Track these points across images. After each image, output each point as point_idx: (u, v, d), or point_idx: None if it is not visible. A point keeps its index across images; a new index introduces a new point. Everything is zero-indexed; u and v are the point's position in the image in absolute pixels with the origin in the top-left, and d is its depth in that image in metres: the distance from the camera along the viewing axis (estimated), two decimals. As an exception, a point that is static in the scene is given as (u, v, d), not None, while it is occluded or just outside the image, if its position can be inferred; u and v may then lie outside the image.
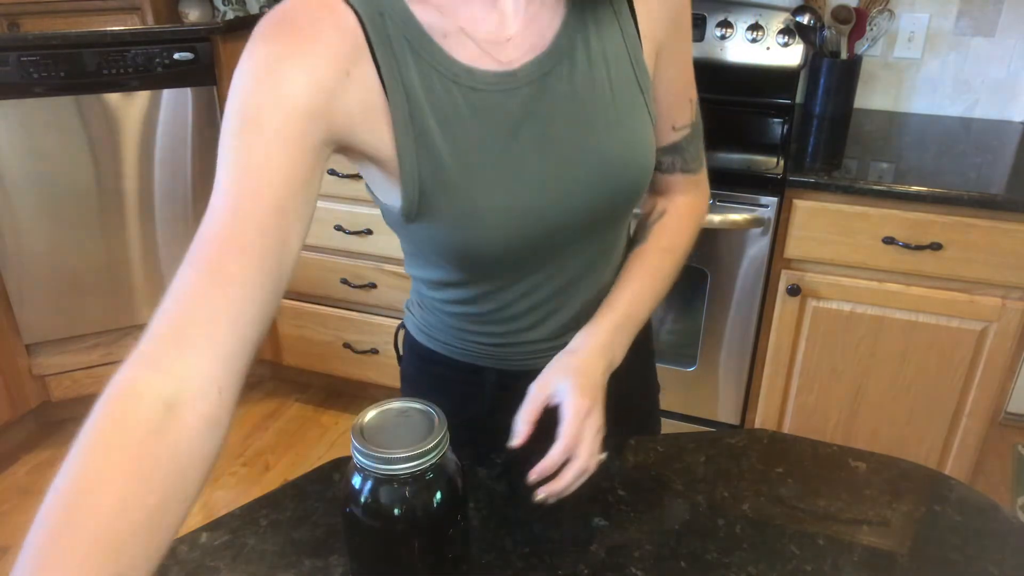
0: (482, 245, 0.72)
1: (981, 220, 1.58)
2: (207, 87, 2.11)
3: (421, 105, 0.67)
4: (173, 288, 0.57)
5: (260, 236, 0.59)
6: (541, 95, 0.71)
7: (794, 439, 0.89)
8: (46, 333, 2.21)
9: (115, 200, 2.14)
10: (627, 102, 0.74)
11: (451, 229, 0.71)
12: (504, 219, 0.71)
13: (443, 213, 0.70)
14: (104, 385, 0.52)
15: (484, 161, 0.69)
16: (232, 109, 0.62)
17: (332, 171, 2.06)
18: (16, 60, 1.94)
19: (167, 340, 0.55)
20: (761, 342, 1.88)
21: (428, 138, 0.68)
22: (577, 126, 0.72)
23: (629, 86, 0.74)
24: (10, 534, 1.98)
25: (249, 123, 0.62)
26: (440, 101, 0.68)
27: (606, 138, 0.73)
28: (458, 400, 0.88)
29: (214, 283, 0.57)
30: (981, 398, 1.74)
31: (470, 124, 0.69)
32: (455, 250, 0.74)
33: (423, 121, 0.68)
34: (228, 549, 0.73)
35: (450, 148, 0.69)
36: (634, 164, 0.76)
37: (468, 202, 0.70)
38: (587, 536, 0.75)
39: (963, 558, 0.72)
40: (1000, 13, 1.97)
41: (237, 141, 0.62)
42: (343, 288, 2.24)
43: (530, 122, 0.71)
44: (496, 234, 0.72)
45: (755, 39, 2.10)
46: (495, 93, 0.69)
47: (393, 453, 0.57)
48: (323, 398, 2.53)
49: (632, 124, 0.75)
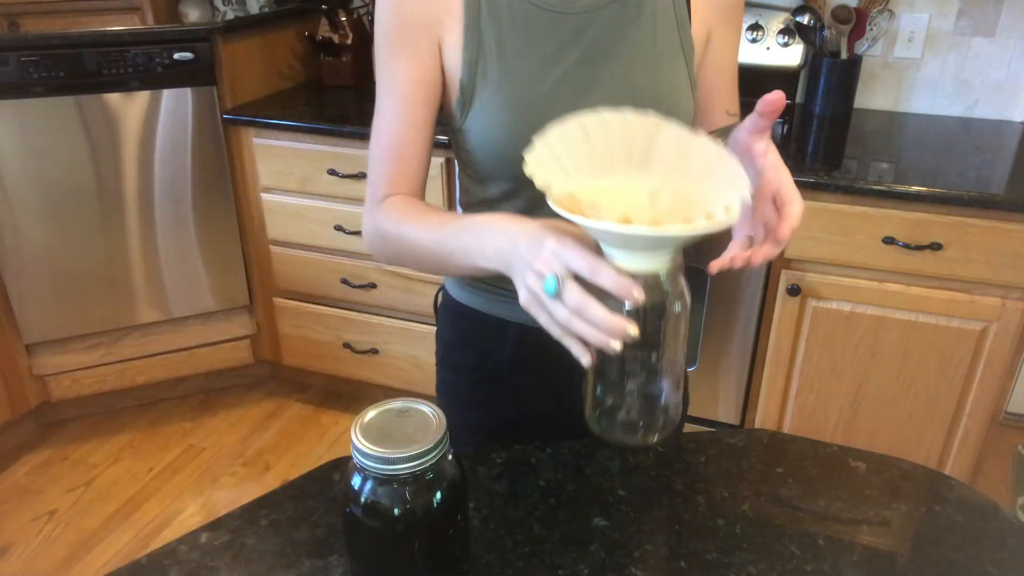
0: (514, 142, 0.78)
1: (981, 220, 1.58)
2: (207, 87, 2.11)
3: (487, 8, 0.80)
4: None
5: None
6: (590, 25, 0.81)
7: (794, 439, 0.89)
8: (46, 333, 2.21)
9: (115, 200, 2.14)
10: (667, 57, 0.84)
11: (490, 124, 0.82)
12: (534, 120, 0.77)
13: (485, 106, 0.82)
14: (104, 385, 0.52)
15: (529, 67, 0.81)
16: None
17: (332, 171, 2.07)
18: (16, 60, 1.94)
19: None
20: (761, 342, 1.88)
21: (485, 38, 0.81)
22: (616, 60, 0.82)
23: (672, 45, 0.84)
24: (10, 534, 1.99)
25: None
26: (502, 9, 0.81)
27: (641, 79, 0.83)
28: (485, 353, 0.98)
29: (402, 158, 0.85)
30: (981, 398, 1.74)
31: (524, 33, 0.81)
32: (493, 147, 0.83)
33: (484, 21, 0.81)
34: (228, 549, 0.73)
35: (498, 48, 0.81)
36: (663, 110, 0.81)
37: (506, 98, 0.81)
38: (587, 536, 0.75)
39: (963, 558, 0.72)
40: (1000, 13, 1.97)
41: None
42: (343, 288, 2.24)
43: (577, 45, 0.81)
44: (526, 133, 0.76)
45: (755, 39, 2.10)
46: (552, 13, 0.81)
47: (393, 453, 0.58)
48: (323, 398, 2.53)
49: (669, 76, 0.84)
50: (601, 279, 0.58)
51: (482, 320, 0.97)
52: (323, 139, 2.05)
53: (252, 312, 2.42)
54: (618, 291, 0.57)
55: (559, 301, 0.60)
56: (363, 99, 2.31)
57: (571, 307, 0.59)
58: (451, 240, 0.76)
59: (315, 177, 2.10)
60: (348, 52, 2.36)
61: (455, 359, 1.03)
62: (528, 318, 0.93)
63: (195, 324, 2.37)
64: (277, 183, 2.16)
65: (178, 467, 2.22)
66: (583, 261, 0.59)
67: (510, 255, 0.66)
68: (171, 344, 2.36)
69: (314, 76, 2.51)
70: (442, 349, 1.05)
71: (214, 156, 2.17)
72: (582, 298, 0.58)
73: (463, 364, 1.01)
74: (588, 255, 0.59)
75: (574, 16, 0.81)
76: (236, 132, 2.16)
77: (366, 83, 2.43)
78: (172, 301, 2.30)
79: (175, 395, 2.52)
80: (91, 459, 2.25)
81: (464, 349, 1.01)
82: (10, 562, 1.90)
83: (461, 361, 1.02)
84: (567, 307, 0.59)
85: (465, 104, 0.83)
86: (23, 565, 1.90)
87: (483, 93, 0.82)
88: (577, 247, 0.60)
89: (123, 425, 2.40)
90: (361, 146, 2.01)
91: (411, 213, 0.82)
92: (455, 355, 1.03)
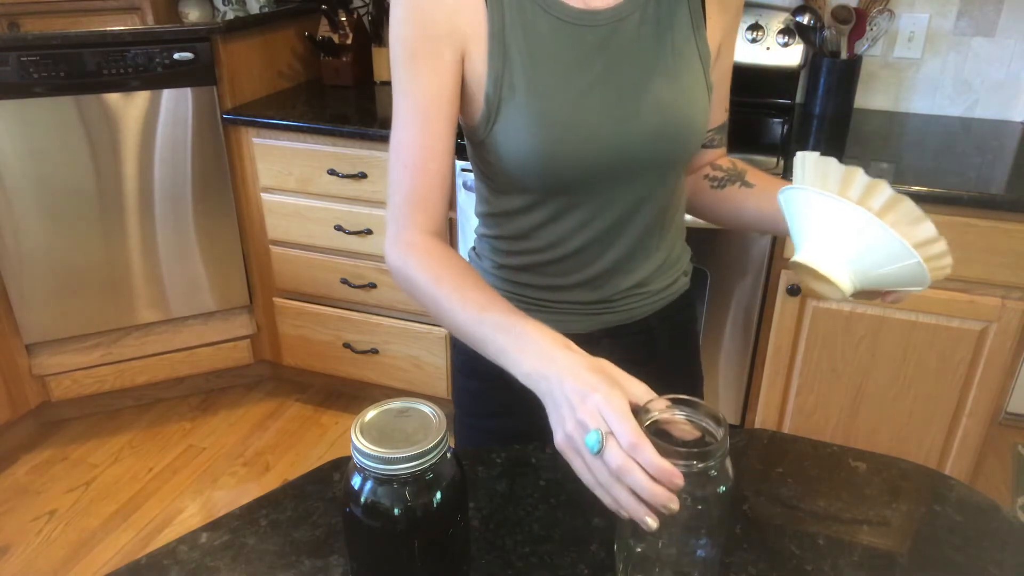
0: (543, 154, 0.82)
1: (981, 220, 1.58)
2: (207, 87, 2.11)
3: (511, 20, 0.80)
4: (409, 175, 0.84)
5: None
6: (613, 36, 0.82)
7: (794, 439, 0.89)
8: (46, 333, 2.21)
9: (115, 200, 2.14)
10: (685, 64, 0.85)
11: (519, 136, 0.82)
12: (564, 131, 0.82)
13: (513, 117, 0.81)
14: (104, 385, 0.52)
15: (555, 79, 0.81)
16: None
17: (332, 171, 2.07)
18: (16, 60, 1.94)
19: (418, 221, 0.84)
20: (761, 342, 1.88)
21: (510, 50, 0.80)
22: (640, 70, 0.83)
23: (689, 53, 0.85)
24: (10, 534, 1.99)
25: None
26: (527, 21, 0.81)
27: (663, 87, 0.84)
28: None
29: (428, 173, 0.83)
30: (981, 398, 1.74)
31: (549, 45, 0.81)
32: (521, 159, 0.83)
33: (508, 34, 0.80)
34: (228, 549, 0.73)
35: (524, 59, 0.81)
36: (685, 118, 0.85)
37: (535, 110, 0.81)
38: (587, 536, 0.75)
39: (963, 558, 0.72)
40: (1000, 13, 1.97)
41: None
42: (343, 288, 2.24)
43: (601, 56, 0.82)
44: (556, 145, 0.82)
45: (755, 39, 2.10)
46: (577, 26, 0.82)
47: (393, 453, 0.58)
48: (323, 398, 2.53)
49: (688, 84, 0.85)
50: (642, 458, 0.57)
51: None
52: (323, 139, 2.05)
53: (252, 312, 2.42)
54: (659, 475, 0.56)
55: (600, 459, 0.59)
56: (363, 99, 2.31)
57: (613, 469, 0.58)
58: (489, 333, 0.74)
59: (315, 177, 2.10)
60: (348, 52, 2.36)
61: (475, 367, 0.99)
62: (548, 323, 0.92)
63: (195, 324, 2.37)
64: (277, 183, 2.16)
65: (178, 467, 2.22)
66: (627, 433, 0.58)
67: (551, 387, 0.65)
68: (171, 344, 2.36)
69: (314, 76, 2.51)
70: (460, 357, 1.03)
71: (214, 156, 2.17)
72: (626, 463, 0.57)
73: (483, 372, 0.94)
74: (633, 426, 0.58)
75: (597, 28, 0.82)
76: (236, 132, 2.16)
77: (366, 83, 2.43)
78: (172, 301, 2.30)
79: (175, 395, 2.52)
80: (91, 459, 2.25)
81: (478, 357, 0.98)
82: (10, 562, 1.90)
83: (481, 369, 0.95)
84: (609, 468, 0.58)
85: (491, 117, 0.82)
86: (23, 565, 1.90)
87: (510, 105, 0.81)
88: (624, 412, 0.59)
89: (123, 425, 2.40)
90: (361, 146, 2.01)
91: (449, 274, 0.79)
92: (475, 363, 0.98)
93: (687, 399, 0.63)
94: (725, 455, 0.60)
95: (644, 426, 0.60)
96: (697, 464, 0.58)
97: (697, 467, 0.58)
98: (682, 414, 0.63)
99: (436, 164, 0.83)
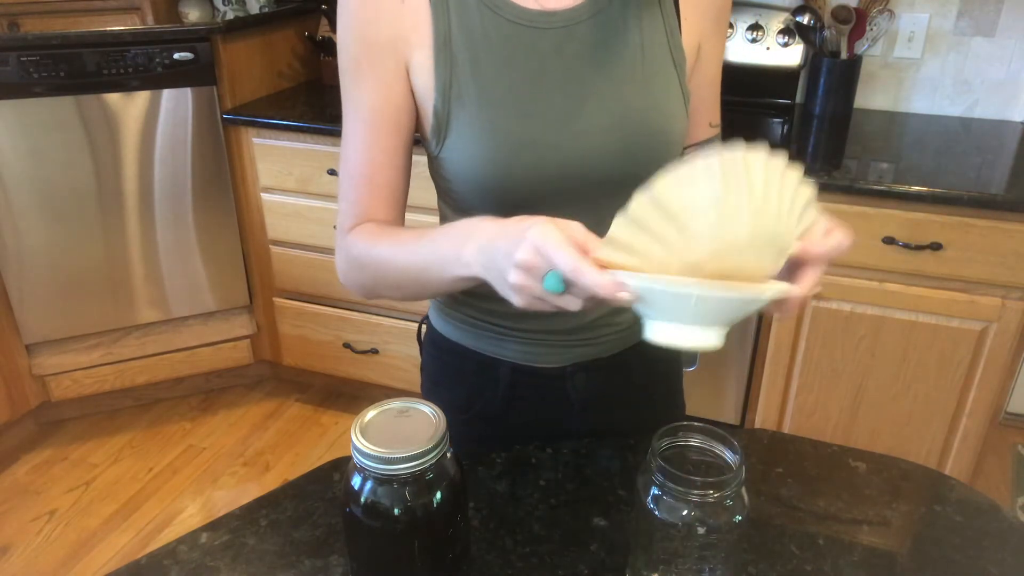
0: (497, 168, 0.75)
1: (981, 220, 1.58)
2: (207, 87, 2.11)
3: (457, 25, 0.74)
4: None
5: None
6: (571, 39, 0.75)
7: (794, 439, 0.89)
8: (46, 333, 2.21)
9: (115, 200, 2.14)
10: (656, 70, 0.78)
11: (469, 151, 0.75)
12: (518, 146, 0.75)
13: (463, 131, 0.75)
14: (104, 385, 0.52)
15: (506, 88, 0.74)
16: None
17: (332, 171, 2.07)
18: (16, 60, 1.94)
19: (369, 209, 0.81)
20: (761, 342, 1.88)
21: (457, 57, 0.74)
22: (603, 76, 0.76)
23: (662, 58, 0.78)
24: (10, 534, 1.99)
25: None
26: (475, 25, 0.74)
27: (630, 94, 0.76)
28: (474, 392, 0.92)
29: (374, 185, 0.80)
30: (981, 398, 1.74)
31: (499, 52, 0.74)
32: (473, 175, 0.76)
33: (455, 40, 0.74)
34: (228, 549, 0.73)
35: (472, 68, 0.74)
36: (656, 128, 0.78)
37: (486, 121, 0.74)
38: (587, 536, 0.75)
39: (963, 558, 0.72)
40: (1000, 13, 1.97)
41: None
42: (343, 288, 2.23)
43: (558, 62, 0.75)
44: (510, 159, 0.75)
45: (755, 39, 2.10)
46: (530, 29, 0.75)
47: (393, 453, 0.58)
48: (323, 398, 2.53)
49: (660, 90, 0.78)
50: (585, 280, 0.54)
51: (470, 357, 0.91)
52: (323, 139, 2.05)
53: (252, 312, 2.42)
54: (605, 293, 0.54)
55: (570, 295, 0.57)
56: (363, 99, 2.31)
57: (584, 296, 0.56)
58: (427, 252, 0.71)
59: (315, 177, 2.10)
60: (348, 52, 2.35)
61: (443, 397, 0.94)
62: (520, 355, 0.87)
63: (195, 324, 2.37)
64: (277, 183, 2.16)
65: (178, 467, 2.22)
66: (566, 259, 0.54)
67: (489, 253, 0.62)
68: (171, 344, 2.36)
69: (314, 76, 2.51)
70: (428, 383, 0.98)
71: (214, 156, 2.17)
72: (591, 285, 0.54)
73: (451, 403, 0.89)
74: (572, 252, 0.55)
75: (552, 31, 0.75)
76: (236, 132, 2.16)
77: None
78: (172, 301, 2.30)
79: (175, 395, 2.52)
80: (91, 459, 2.25)
81: (452, 388, 0.94)
82: (10, 562, 1.90)
83: (449, 400, 0.91)
84: (580, 298, 0.57)
85: (440, 131, 0.76)
86: (23, 565, 1.90)
87: (460, 118, 0.75)
88: (559, 240, 0.55)
89: (123, 425, 2.39)
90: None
91: (385, 234, 0.78)
92: (442, 393, 0.95)
93: (702, 427, 0.63)
94: (741, 484, 0.60)
95: (660, 452, 0.60)
96: (713, 494, 0.58)
97: (713, 497, 0.58)
98: (697, 441, 0.63)
99: (383, 177, 0.79)
